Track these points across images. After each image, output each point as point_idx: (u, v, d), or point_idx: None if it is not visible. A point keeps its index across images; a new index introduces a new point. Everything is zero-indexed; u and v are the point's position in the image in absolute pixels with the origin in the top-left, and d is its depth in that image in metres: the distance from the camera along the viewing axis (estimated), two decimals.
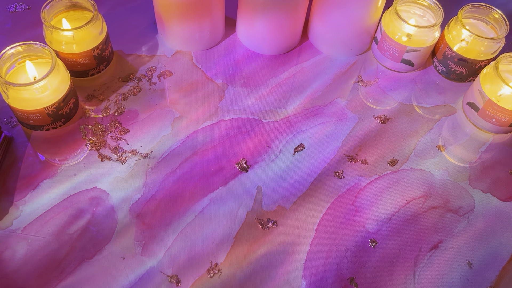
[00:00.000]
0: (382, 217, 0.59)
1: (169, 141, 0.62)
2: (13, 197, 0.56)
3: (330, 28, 0.70)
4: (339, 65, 0.72)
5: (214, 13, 0.67)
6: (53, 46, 0.62)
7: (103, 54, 0.65)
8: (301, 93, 0.68)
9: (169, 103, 0.66)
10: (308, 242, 0.56)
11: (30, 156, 0.60)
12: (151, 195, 0.58)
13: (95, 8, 0.62)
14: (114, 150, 0.61)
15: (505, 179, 0.63)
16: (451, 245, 0.57)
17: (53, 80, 0.57)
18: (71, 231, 0.55)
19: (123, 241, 0.55)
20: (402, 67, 0.71)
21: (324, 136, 0.64)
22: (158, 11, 0.67)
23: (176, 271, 0.53)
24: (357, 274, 0.55)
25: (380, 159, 0.63)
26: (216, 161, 0.61)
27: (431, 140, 0.65)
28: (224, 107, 0.66)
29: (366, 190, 0.60)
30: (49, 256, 0.53)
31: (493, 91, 0.63)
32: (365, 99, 0.69)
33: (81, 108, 0.64)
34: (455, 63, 0.69)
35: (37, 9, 0.73)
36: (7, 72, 0.59)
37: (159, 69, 0.69)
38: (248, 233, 0.56)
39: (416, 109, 0.68)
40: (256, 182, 0.60)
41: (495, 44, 0.66)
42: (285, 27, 0.68)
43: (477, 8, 0.69)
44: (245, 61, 0.71)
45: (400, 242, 0.57)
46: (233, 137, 0.63)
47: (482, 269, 0.56)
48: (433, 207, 0.60)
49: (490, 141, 0.66)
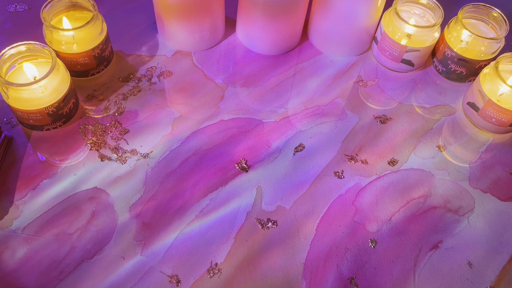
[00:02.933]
0: (382, 217, 0.59)
1: (169, 141, 0.62)
2: (13, 197, 0.56)
3: (330, 28, 0.70)
4: (339, 65, 0.72)
5: (214, 13, 0.67)
6: (53, 46, 0.62)
7: (103, 54, 0.65)
8: (301, 93, 0.68)
9: (169, 103, 0.66)
10: (308, 242, 0.56)
11: (30, 156, 0.60)
12: (151, 195, 0.58)
13: (95, 8, 0.62)
14: (114, 150, 0.61)
15: (505, 179, 0.63)
16: (451, 245, 0.57)
17: (53, 80, 0.57)
18: (71, 231, 0.55)
19: (123, 241, 0.55)
20: (402, 67, 0.71)
21: (324, 136, 0.64)
22: (158, 11, 0.67)
23: (176, 271, 0.53)
24: (357, 274, 0.55)
25: (380, 159, 0.63)
26: (216, 161, 0.61)
27: (431, 140, 0.65)
28: (224, 107, 0.66)
29: (366, 190, 0.60)
30: (49, 256, 0.53)
31: (493, 91, 0.63)
32: (365, 99, 0.69)
33: (81, 108, 0.64)
34: (455, 63, 0.69)
35: (37, 9, 0.73)
36: (7, 72, 0.59)
37: (159, 69, 0.69)
38: (248, 233, 0.56)
39: (416, 109, 0.68)
40: (256, 182, 0.60)
41: (495, 44, 0.66)
42: (285, 27, 0.68)
43: (477, 8, 0.69)
44: (245, 61, 0.71)
45: (400, 242, 0.57)
46: (233, 137, 0.63)
47: (482, 269, 0.56)
48: (433, 207, 0.60)
49: (490, 141, 0.66)
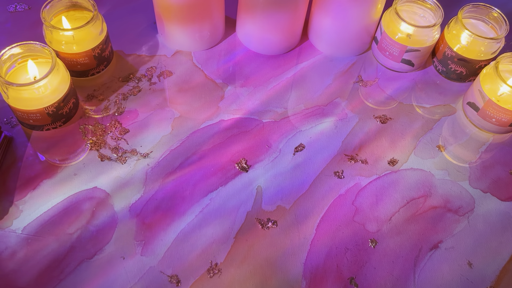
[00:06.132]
0: (382, 217, 0.59)
1: (169, 141, 0.62)
2: (13, 197, 0.56)
3: (330, 28, 0.70)
4: (339, 65, 0.72)
5: (214, 13, 0.67)
6: (53, 46, 0.62)
7: (103, 54, 0.65)
8: (301, 93, 0.68)
9: (169, 103, 0.66)
10: (308, 242, 0.56)
11: (30, 156, 0.60)
12: (151, 195, 0.58)
13: (95, 8, 0.62)
14: (114, 150, 0.61)
15: (505, 179, 0.63)
16: (451, 245, 0.57)
17: (53, 80, 0.57)
18: (71, 231, 0.55)
19: (123, 241, 0.55)
20: (402, 67, 0.71)
21: (324, 136, 0.64)
22: (158, 11, 0.67)
23: (176, 271, 0.53)
24: (357, 274, 0.55)
25: (380, 159, 0.63)
26: (216, 161, 0.61)
27: (431, 140, 0.65)
28: (224, 107, 0.66)
29: (366, 190, 0.60)
30: (49, 256, 0.53)
31: (493, 91, 0.63)
32: (365, 99, 0.69)
33: (81, 108, 0.64)
34: (455, 63, 0.69)
35: (37, 9, 0.73)
36: (7, 72, 0.59)
37: (159, 69, 0.69)
38: (248, 233, 0.56)
39: (416, 109, 0.68)
40: (256, 182, 0.60)
41: (495, 44, 0.66)
42: (285, 27, 0.68)
43: (477, 8, 0.69)
44: (245, 61, 0.71)
45: (400, 242, 0.57)
46: (233, 137, 0.63)
47: (482, 269, 0.56)
48: (433, 207, 0.60)
49: (490, 141, 0.66)
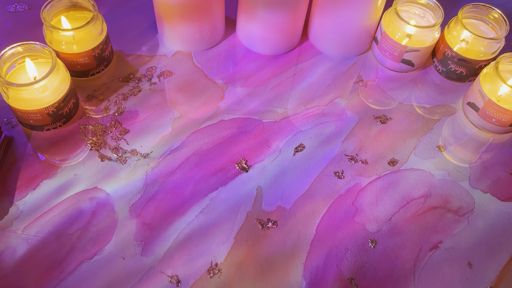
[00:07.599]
0: (382, 217, 0.59)
1: (169, 141, 0.62)
2: (13, 197, 0.56)
3: (330, 28, 0.70)
4: (339, 65, 0.72)
5: (214, 13, 0.67)
6: (53, 46, 0.62)
7: (103, 54, 0.65)
8: (301, 93, 0.68)
9: (169, 103, 0.66)
10: (308, 242, 0.56)
11: (30, 156, 0.60)
12: (151, 195, 0.58)
13: (95, 8, 0.62)
14: (114, 150, 0.61)
15: (505, 179, 0.63)
16: (451, 245, 0.57)
17: (53, 80, 0.57)
18: (71, 231, 0.55)
19: (123, 241, 0.55)
20: (402, 67, 0.71)
21: (324, 136, 0.64)
22: (158, 11, 0.67)
23: (176, 271, 0.53)
24: (357, 274, 0.55)
25: (380, 159, 0.63)
26: (216, 161, 0.61)
27: (431, 140, 0.65)
28: (224, 107, 0.66)
29: (366, 190, 0.60)
30: (49, 256, 0.53)
31: (493, 91, 0.63)
32: (365, 99, 0.69)
33: (81, 108, 0.64)
34: (455, 63, 0.69)
35: (37, 9, 0.73)
36: (7, 72, 0.59)
37: (159, 69, 0.69)
38: (248, 233, 0.56)
39: (416, 109, 0.68)
40: (256, 182, 0.60)
41: (495, 44, 0.66)
42: (285, 27, 0.68)
43: (477, 8, 0.69)
44: (245, 61, 0.71)
45: (400, 242, 0.57)
46: (233, 137, 0.63)
47: (482, 269, 0.56)
48: (433, 207, 0.60)
49: (490, 141, 0.66)
